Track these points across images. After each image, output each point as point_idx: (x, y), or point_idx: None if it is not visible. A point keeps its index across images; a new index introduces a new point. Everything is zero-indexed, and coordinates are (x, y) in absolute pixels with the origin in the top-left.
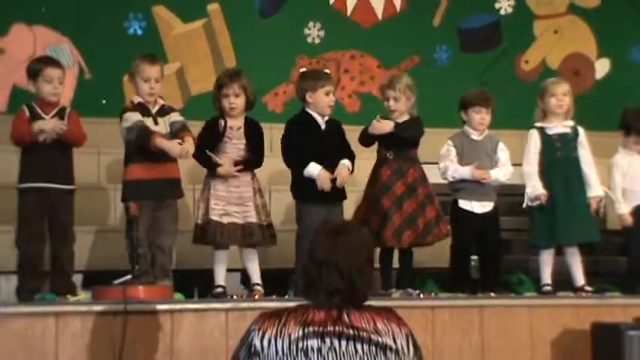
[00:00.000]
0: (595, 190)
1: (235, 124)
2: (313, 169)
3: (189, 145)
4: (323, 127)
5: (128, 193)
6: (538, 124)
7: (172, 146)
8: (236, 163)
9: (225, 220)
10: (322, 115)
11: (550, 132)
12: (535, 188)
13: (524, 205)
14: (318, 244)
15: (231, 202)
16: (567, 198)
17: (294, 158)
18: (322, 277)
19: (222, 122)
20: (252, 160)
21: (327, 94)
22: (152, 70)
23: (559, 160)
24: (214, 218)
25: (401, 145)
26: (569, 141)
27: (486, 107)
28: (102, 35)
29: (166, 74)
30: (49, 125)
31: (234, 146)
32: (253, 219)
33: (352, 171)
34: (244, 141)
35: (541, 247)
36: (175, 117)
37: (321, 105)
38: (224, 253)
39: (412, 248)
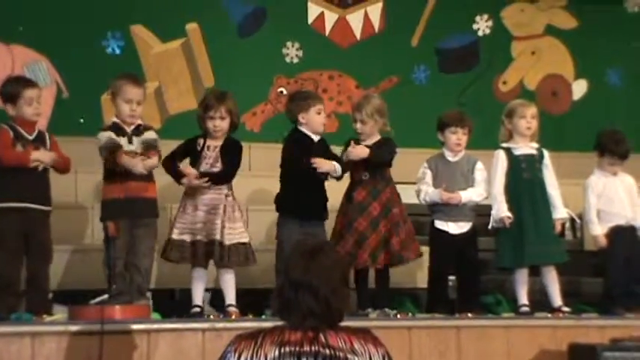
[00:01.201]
0: (560, 212)
1: (213, 144)
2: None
3: (153, 163)
4: (315, 142)
5: (106, 213)
6: (505, 145)
7: (135, 163)
8: (204, 175)
9: (189, 238)
10: (315, 133)
11: (517, 152)
12: (500, 210)
13: (489, 227)
14: (292, 265)
15: (196, 220)
16: (534, 219)
17: (288, 173)
18: (297, 298)
19: (200, 141)
20: (220, 173)
21: (319, 112)
22: (135, 91)
23: (525, 181)
24: (174, 237)
25: (375, 166)
26: (534, 162)
27: (462, 128)
28: (80, 54)
29: None
30: (47, 159)
31: (206, 163)
32: (217, 236)
33: (340, 178)
34: (219, 159)
35: (507, 268)
36: (149, 135)
37: (313, 123)
38: (201, 272)
39: (389, 268)
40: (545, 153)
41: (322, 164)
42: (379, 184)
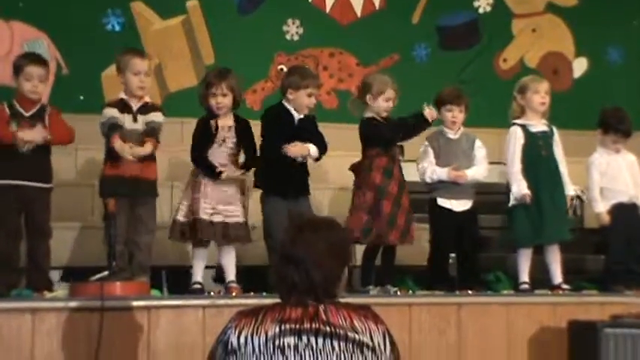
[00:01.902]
0: (569, 188)
1: (225, 124)
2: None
3: (143, 151)
4: (296, 122)
5: (106, 189)
6: (519, 122)
7: (123, 149)
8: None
9: (215, 219)
10: (301, 113)
11: (533, 130)
12: (520, 187)
13: (510, 204)
14: (283, 240)
15: (220, 201)
16: (551, 197)
17: (267, 148)
18: (283, 271)
19: (213, 123)
20: (248, 163)
21: (310, 95)
22: (142, 63)
23: (543, 158)
24: (204, 217)
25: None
26: (548, 139)
27: (458, 105)
28: (80, 31)
29: None
30: (33, 137)
31: (226, 146)
32: (239, 219)
33: (318, 159)
34: (235, 140)
35: (523, 246)
36: (153, 117)
37: (299, 104)
38: (204, 250)
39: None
40: (555, 129)
41: (294, 151)
42: (395, 166)
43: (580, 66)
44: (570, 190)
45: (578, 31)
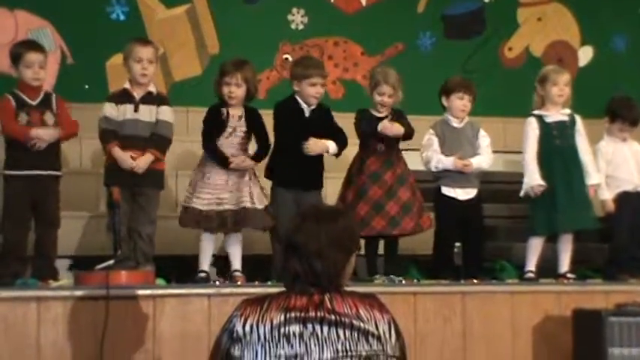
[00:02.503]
0: (594, 177)
1: (236, 113)
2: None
3: (143, 163)
4: (307, 114)
5: (110, 178)
6: (536, 112)
7: (124, 160)
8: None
9: (220, 207)
10: (309, 104)
11: (548, 120)
12: (532, 179)
13: (521, 194)
14: (287, 229)
15: (225, 189)
16: (567, 186)
17: (278, 143)
18: (286, 260)
19: (224, 111)
20: (260, 153)
21: (313, 85)
22: (144, 50)
23: (558, 148)
24: (204, 208)
25: (392, 140)
26: (566, 129)
27: (469, 94)
28: (84, 20)
29: None
30: (47, 136)
31: (235, 135)
32: (248, 204)
33: (338, 154)
34: (245, 129)
35: (541, 235)
36: (163, 114)
37: (304, 95)
38: (211, 239)
39: (407, 235)
40: (578, 119)
41: (313, 148)
42: (393, 157)
43: (585, 55)
44: (596, 178)
45: (583, 19)
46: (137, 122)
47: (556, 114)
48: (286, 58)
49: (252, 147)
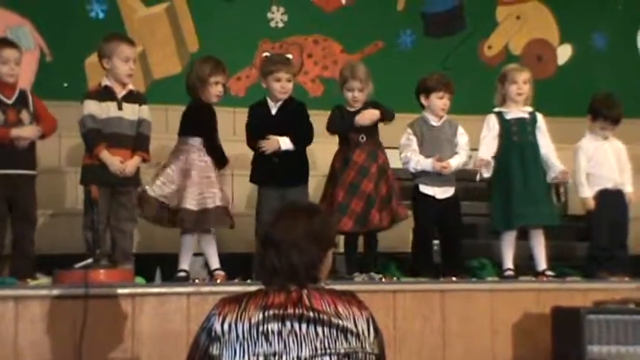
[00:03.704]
0: (557, 167)
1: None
2: (283, 143)
3: (131, 167)
4: (273, 111)
5: (87, 177)
6: (496, 110)
7: (112, 162)
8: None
9: (201, 206)
10: (276, 100)
11: (507, 117)
12: (482, 155)
13: (477, 178)
14: (265, 225)
15: (205, 187)
16: (524, 182)
17: (249, 142)
18: (264, 255)
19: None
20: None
21: (278, 80)
22: (132, 50)
23: (515, 144)
24: (191, 207)
25: (372, 129)
26: (526, 125)
27: (449, 92)
28: (63, 18)
29: None
30: (28, 134)
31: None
32: (219, 202)
33: (299, 149)
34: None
35: (500, 231)
36: (145, 113)
37: (271, 91)
38: (192, 239)
39: (377, 232)
40: (539, 116)
41: (267, 146)
42: (375, 147)
43: (564, 52)
44: (560, 166)
45: (562, 17)
46: (121, 120)
47: (516, 111)
48: (266, 56)
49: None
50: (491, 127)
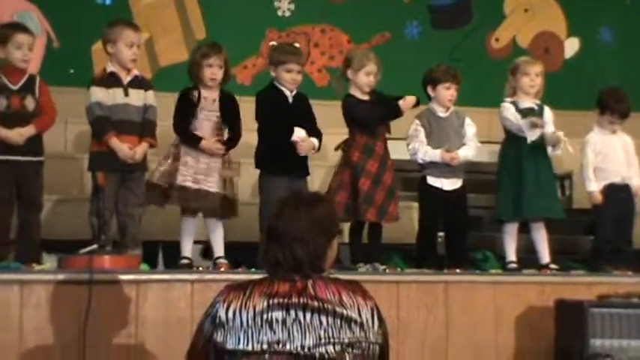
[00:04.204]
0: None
1: (210, 96)
2: (299, 132)
3: (140, 152)
4: (290, 100)
5: (94, 163)
6: (509, 99)
7: (122, 149)
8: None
9: (195, 186)
10: (288, 90)
11: (521, 106)
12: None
13: (530, 140)
14: (269, 215)
15: (199, 172)
16: (535, 173)
17: (265, 131)
18: (268, 246)
19: (195, 93)
20: (233, 138)
21: (289, 71)
22: (136, 35)
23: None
24: (182, 184)
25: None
26: (535, 116)
27: (456, 83)
28: (70, 4)
29: None
30: (14, 139)
31: (207, 118)
32: (216, 189)
33: (318, 149)
34: (218, 113)
35: (505, 221)
36: (151, 99)
37: (282, 81)
38: (191, 224)
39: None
40: (546, 109)
41: (304, 149)
42: (377, 139)
43: (572, 46)
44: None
45: (570, 10)
46: (128, 107)
47: (528, 102)
48: (276, 45)
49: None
50: (512, 111)
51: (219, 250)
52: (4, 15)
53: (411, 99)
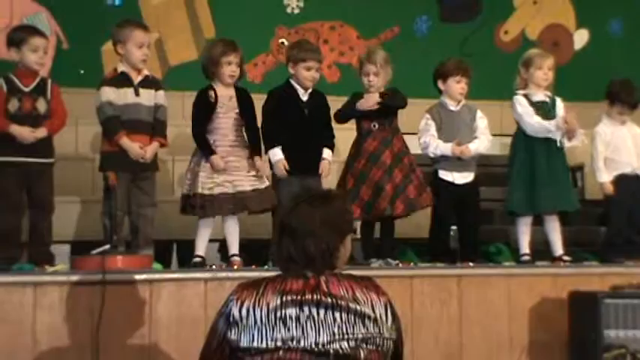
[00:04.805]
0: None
1: (227, 93)
2: (274, 155)
3: (150, 152)
4: (305, 98)
5: (106, 163)
6: (521, 92)
7: (133, 148)
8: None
9: (217, 191)
10: (305, 88)
11: (533, 99)
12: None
13: (562, 143)
14: (281, 212)
15: (221, 172)
16: (548, 165)
17: (269, 130)
18: (280, 242)
19: (212, 94)
20: (256, 143)
21: (308, 69)
22: (146, 36)
23: None
24: (205, 192)
25: (384, 115)
26: (549, 109)
27: (466, 76)
28: (80, 5)
29: None
30: (25, 137)
31: (227, 115)
32: (245, 187)
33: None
34: (237, 110)
35: (518, 215)
36: (161, 99)
37: (300, 78)
38: (208, 224)
39: (404, 216)
40: (558, 101)
41: (326, 172)
42: (389, 134)
43: (581, 38)
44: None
45: (579, 3)
46: (139, 106)
47: (540, 94)
48: (282, 43)
49: None
50: (524, 104)
51: (233, 247)
52: (15, 17)
53: (368, 97)
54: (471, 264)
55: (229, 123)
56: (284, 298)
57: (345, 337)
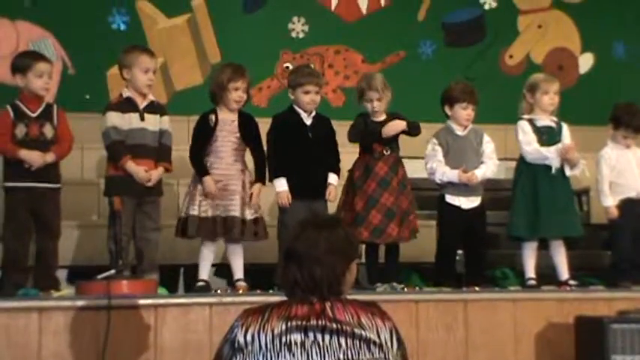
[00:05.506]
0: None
1: (229, 117)
2: (279, 185)
3: (156, 176)
4: (308, 122)
5: (111, 188)
6: (526, 116)
7: (138, 172)
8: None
9: (207, 214)
10: (307, 111)
11: (538, 124)
12: (548, 152)
13: (566, 172)
14: (288, 237)
15: (212, 195)
16: (551, 191)
17: (274, 159)
18: (286, 268)
19: (212, 117)
20: (262, 171)
21: (307, 93)
22: (152, 61)
23: None
24: (194, 213)
25: (395, 142)
26: (555, 134)
27: (473, 103)
28: (85, 30)
29: None
30: (34, 161)
31: (227, 139)
32: (236, 213)
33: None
34: (238, 134)
35: (521, 239)
36: (166, 124)
37: (300, 102)
38: (210, 248)
39: (399, 243)
40: (564, 125)
41: (332, 197)
42: (396, 160)
43: (586, 62)
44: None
45: (583, 26)
46: (144, 131)
47: (545, 119)
48: (287, 67)
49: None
50: (527, 131)
51: (238, 272)
52: (21, 42)
53: (394, 124)
54: (476, 288)
55: (228, 147)
56: (289, 324)
57: None
